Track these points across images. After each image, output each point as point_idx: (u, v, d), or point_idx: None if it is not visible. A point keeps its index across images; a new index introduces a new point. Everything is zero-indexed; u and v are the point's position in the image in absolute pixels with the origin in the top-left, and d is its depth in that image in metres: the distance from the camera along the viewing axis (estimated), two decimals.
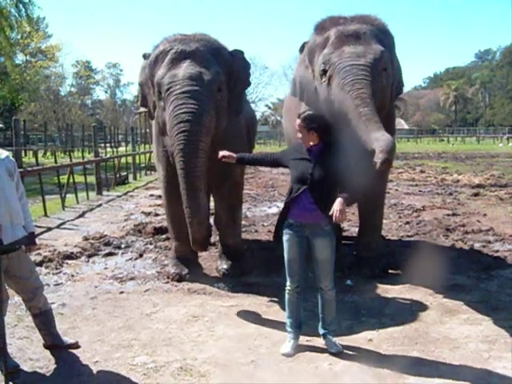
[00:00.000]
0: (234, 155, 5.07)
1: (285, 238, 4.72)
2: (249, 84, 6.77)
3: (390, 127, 6.63)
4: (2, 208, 4.22)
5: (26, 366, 4.50)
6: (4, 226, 4.18)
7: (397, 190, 15.75)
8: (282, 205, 4.90)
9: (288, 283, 4.76)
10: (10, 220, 4.30)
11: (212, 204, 7.65)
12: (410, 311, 5.68)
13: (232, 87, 6.26)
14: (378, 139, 5.01)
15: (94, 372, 4.42)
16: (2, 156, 4.42)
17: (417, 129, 76.12)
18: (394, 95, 6.40)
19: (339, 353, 4.64)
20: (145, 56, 6.41)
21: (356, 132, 5.25)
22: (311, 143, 4.67)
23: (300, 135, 4.72)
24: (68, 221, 11.30)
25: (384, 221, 8.20)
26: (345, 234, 9.07)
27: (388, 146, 4.94)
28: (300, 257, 4.67)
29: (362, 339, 4.98)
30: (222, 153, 5.07)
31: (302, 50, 6.74)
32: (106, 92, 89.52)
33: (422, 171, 21.98)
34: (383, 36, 5.99)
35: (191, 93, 5.58)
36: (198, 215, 5.49)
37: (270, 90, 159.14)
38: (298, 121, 4.74)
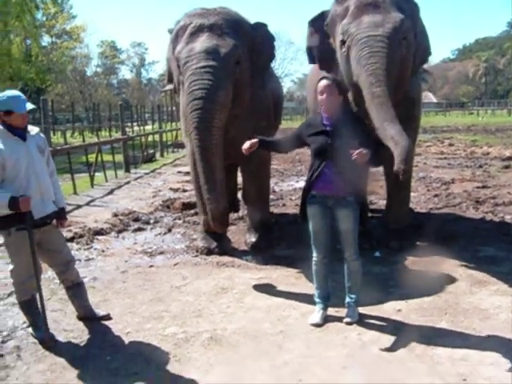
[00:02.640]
0: (255, 140, 4.82)
1: (309, 210, 4.72)
2: (273, 57, 6.72)
3: (414, 101, 6.56)
4: (32, 184, 4.31)
5: (60, 337, 4.62)
6: (35, 202, 4.26)
7: (425, 163, 15.57)
8: None
9: (315, 254, 4.78)
10: (41, 196, 4.38)
11: (240, 179, 7.67)
12: (439, 282, 5.64)
13: (255, 60, 6.23)
14: (396, 142, 4.80)
15: (126, 342, 4.52)
16: (32, 132, 4.49)
17: (445, 102, 74.76)
18: (418, 63, 6.28)
19: (351, 323, 4.66)
20: (170, 31, 6.42)
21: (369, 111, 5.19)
22: (333, 110, 4.59)
23: (324, 97, 4.57)
24: (97, 198, 11.46)
25: (412, 194, 8.14)
26: (373, 207, 9.03)
27: (407, 155, 4.74)
28: (325, 228, 4.67)
29: (391, 310, 4.98)
30: (244, 147, 4.80)
31: (317, 19, 6.56)
32: (131, 71, 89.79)
33: (450, 144, 21.66)
34: (404, 3, 5.85)
35: (206, 68, 5.57)
36: (214, 192, 5.50)
37: (295, 65, 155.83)
38: (326, 81, 4.61)
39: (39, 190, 4.36)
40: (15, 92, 4.43)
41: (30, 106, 4.36)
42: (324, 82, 4.63)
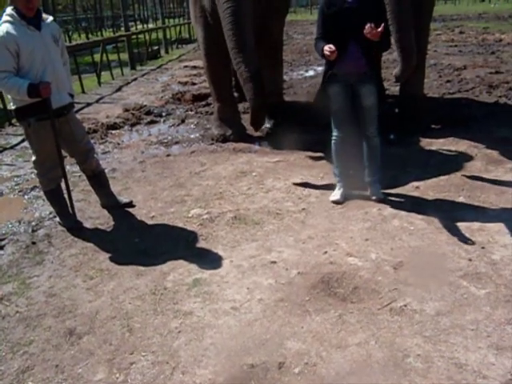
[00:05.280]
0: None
1: (331, 89, 4.67)
2: None
3: None
4: (48, 74, 4.19)
5: (87, 224, 4.74)
6: (51, 92, 4.18)
7: (435, 50, 15.20)
8: (318, 68, 4.78)
9: (335, 133, 4.79)
10: (57, 86, 4.29)
11: None
12: (455, 162, 5.70)
13: None
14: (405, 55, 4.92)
15: (152, 225, 4.65)
16: (47, 21, 4.34)
17: None
18: None
19: (382, 200, 4.76)
20: None
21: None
22: None
23: None
24: (106, 95, 11.36)
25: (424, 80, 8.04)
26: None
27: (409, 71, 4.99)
28: (346, 106, 4.65)
29: (409, 187, 5.07)
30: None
31: None
32: None
33: (461, 32, 21.01)
34: None
35: None
36: (246, 53, 5.25)
37: None
38: None
39: (55, 80, 4.27)
40: None
41: None
42: None
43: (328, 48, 4.31)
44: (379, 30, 4.19)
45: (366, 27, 4.18)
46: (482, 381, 2.60)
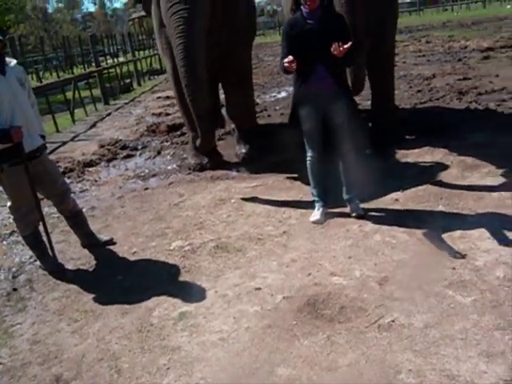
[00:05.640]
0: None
1: (302, 110, 4.69)
2: None
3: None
4: (18, 118, 4.16)
5: (69, 265, 4.69)
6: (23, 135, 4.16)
7: (404, 62, 15.40)
8: (290, 89, 4.83)
9: (309, 154, 4.80)
10: (27, 129, 4.25)
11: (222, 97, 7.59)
12: (431, 171, 5.76)
13: None
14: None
15: (135, 261, 4.61)
16: (10, 64, 4.32)
17: (418, 0, 72.64)
18: None
19: (362, 216, 4.77)
20: None
21: None
22: (316, 2, 4.45)
23: None
24: (81, 133, 11.30)
25: (395, 91, 8.12)
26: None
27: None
28: (318, 125, 4.67)
29: (388, 200, 5.10)
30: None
31: None
32: (94, 4, 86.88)
33: (427, 42, 21.31)
34: None
35: None
36: (198, 92, 5.30)
37: None
38: None
39: (25, 123, 4.23)
40: None
41: None
42: None
43: (287, 60, 4.32)
44: (346, 46, 4.23)
45: (334, 46, 4.22)
46: None
